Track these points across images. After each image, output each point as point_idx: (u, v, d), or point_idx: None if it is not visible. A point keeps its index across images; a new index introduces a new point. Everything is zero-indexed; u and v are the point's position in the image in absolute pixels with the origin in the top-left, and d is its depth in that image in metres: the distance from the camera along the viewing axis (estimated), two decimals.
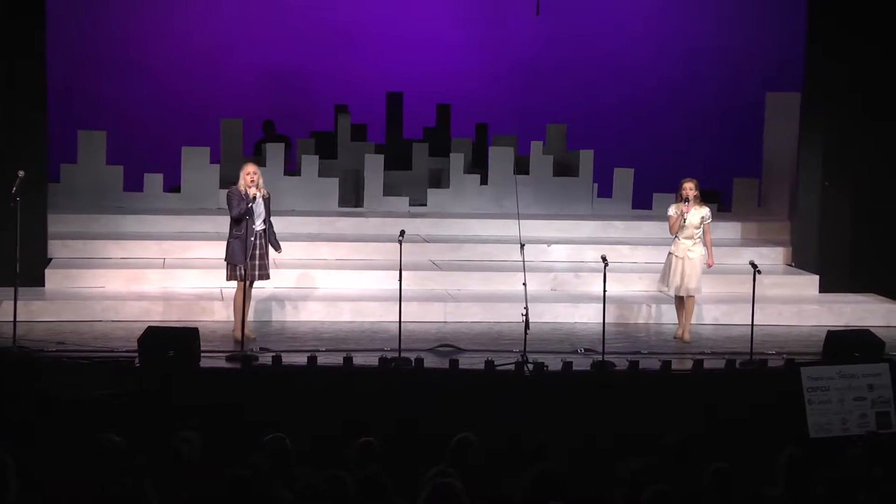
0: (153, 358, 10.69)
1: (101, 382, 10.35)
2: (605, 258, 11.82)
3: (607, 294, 11.84)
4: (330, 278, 13.83)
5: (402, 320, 11.46)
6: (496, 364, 11.06)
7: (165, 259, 14.10)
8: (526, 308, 11.34)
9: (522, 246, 11.89)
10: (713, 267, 12.72)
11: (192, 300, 12.95)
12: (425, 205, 16.46)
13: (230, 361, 11.13)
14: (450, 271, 14.14)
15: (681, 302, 12.57)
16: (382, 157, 16.47)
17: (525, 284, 11.65)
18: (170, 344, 10.77)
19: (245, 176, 11.70)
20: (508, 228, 14.58)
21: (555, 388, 10.86)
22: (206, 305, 12.81)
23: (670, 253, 12.54)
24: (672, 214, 12.46)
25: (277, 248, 11.99)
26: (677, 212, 12.41)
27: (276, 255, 12.07)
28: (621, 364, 11.28)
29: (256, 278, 11.82)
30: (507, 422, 10.14)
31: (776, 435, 9.84)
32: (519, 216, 12.69)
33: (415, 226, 15.08)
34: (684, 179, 12.47)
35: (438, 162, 16.93)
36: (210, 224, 14.79)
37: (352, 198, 16.52)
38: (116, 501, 6.32)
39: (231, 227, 11.76)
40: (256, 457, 7.57)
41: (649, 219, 15.92)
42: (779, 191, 16.41)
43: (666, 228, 12.70)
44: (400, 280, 11.51)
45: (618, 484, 7.18)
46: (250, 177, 11.68)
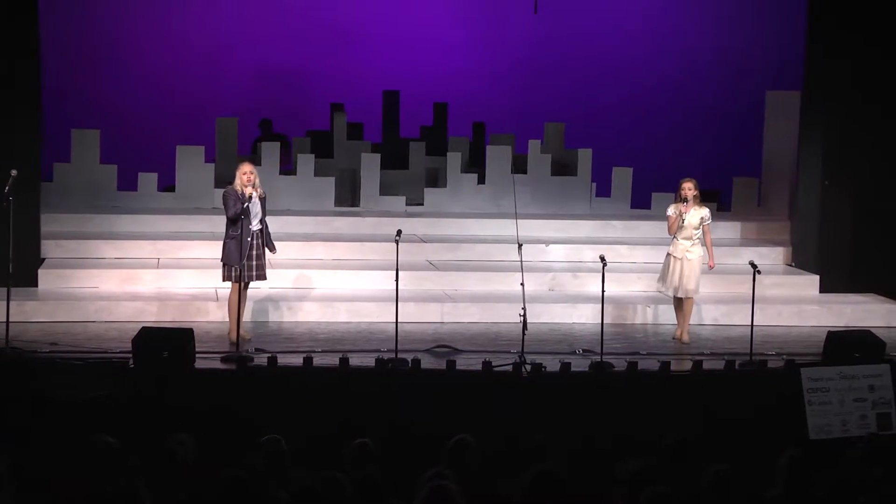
0: (147, 359, 10.63)
1: (95, 383, 10.29)
2: (604, 258, 11.78)
3: (606, 294, 11.78)
4: (326, 278, 13.76)
5: (399, 321, 11.43)
6: (494, 365, 11.01)
7: (160, 259, 14.02)
8: (524, 308, 11.30)
9: (520, 246, 11.84)
10: (714, 268, 12.65)
11: (187, 300, 12.87)
12: (422, 204, 16.38)
13: (225, 362, 11.07)
14: (447, 271, 14.07)
15: (679, 303, 12.50)
16: (379, 157, 16.40)
17: (523, 285, 11.61)
18: (164, 345, 10.70)
19: (241, 175, 11.62)
20: (506, 228, 14.50)
21: (553, 389, 10.80)
22: (201, 306, 12.74)
23: (669, 253, 12.47)
24: (671, 214, 12.39)
25: (272, 249, 11.92)
26: (676, 212, 12.34)
27: (271, 256, 12.00)
28: (620, 365, 11.23)
29: (253, 279, 11.75)
30: (505, 423, 10.12)
31: (776, 436, 9.82)
32: (517, 216, 12.65)
33: (412, 225, 15.03)
34: (683, 179, 12.41)
35: (435, 161, 16.85)
36: (205, 224, 14.73)
37: (348, 197, 16.45)
38: (110, 503, 6.25)
39: (227, 228, 11.69)
40: (252, 458, 7.53)
41: (648, 219, 15.86)
42: (779, 190, 16.34)
43: (665, 228, 12.62)
44: (396, 280, 11.47)
45: (616, 485, 7.13)
46: (247, 176, 11.60)
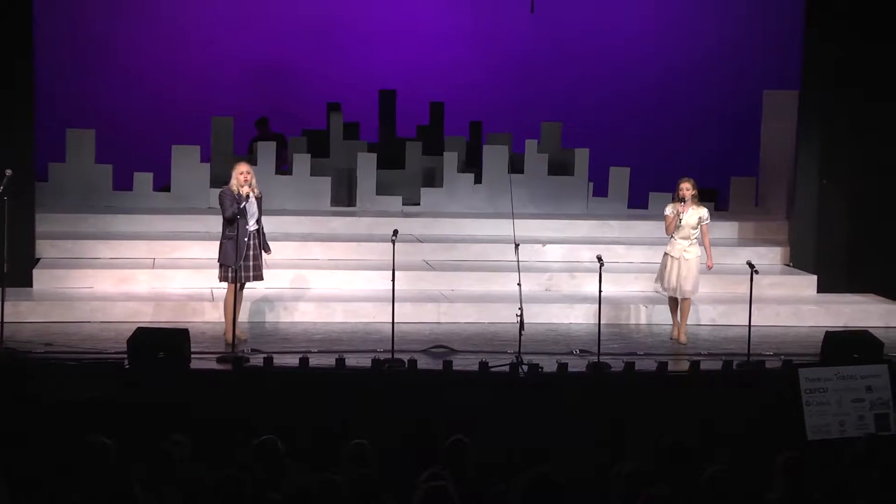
0: (143, 359, 10.59)
1: (91, 384, 10.24)
2: (601, 258, 11.73)
3: (603, 294, 11.72)
4: (322, 278, 13.72)
5: (396, 321, 11.38)
6: (490, 365, 10.96)
7: (155, 259, 13.98)
8: (521, 308, 11.25)
9: (517, 246, 11.80)
10: (712, 268, 12.62)
11: (183, 301, 12.83)
12: (419, 204, 16.35)
13: (221, 363, 11.02)
14: (443, 271, 14.03)
15: (674, 303, 12.46)
16: (375, 156, 16.37)
17: (520, 285, 11.57)
18: (160, 345, 10.66)
19: (238, 175, 11.56)
20: (503, 228, 14.48)
21: (550, 390, 10.76)
22: (197, 306, 12.69)
23: (666, 253, 12.43)
24: (668, 214, 12.36)
25: (267, 250, 11.87)
26: (673, 212, 12.30)
27: (266, 257, 11.96)
28: (617, 365, 11.19)
29: (251, 279, 11.70)
30: (502, 423, 10.07)
31: (774, 437, 9.80)
32: (513, 215, 12.62)
33: (408, 225, 15.01)
34: (681, 179, 12.38)
35: (432, 161, 16.81)
36: (200, 224, 14.71)
37: (344, 197, 16.42)
38: None
39: (224, 228, 11.63)
40: (248, 459, 7.48)
41: (645, 218, 15.83)
42: (776, 190, 16.33)
43: (662, 228, 12.58)
44: (393, 280, 11.43)
45: (614, 486, 7.09)
46: (243, 176, 11.54)
